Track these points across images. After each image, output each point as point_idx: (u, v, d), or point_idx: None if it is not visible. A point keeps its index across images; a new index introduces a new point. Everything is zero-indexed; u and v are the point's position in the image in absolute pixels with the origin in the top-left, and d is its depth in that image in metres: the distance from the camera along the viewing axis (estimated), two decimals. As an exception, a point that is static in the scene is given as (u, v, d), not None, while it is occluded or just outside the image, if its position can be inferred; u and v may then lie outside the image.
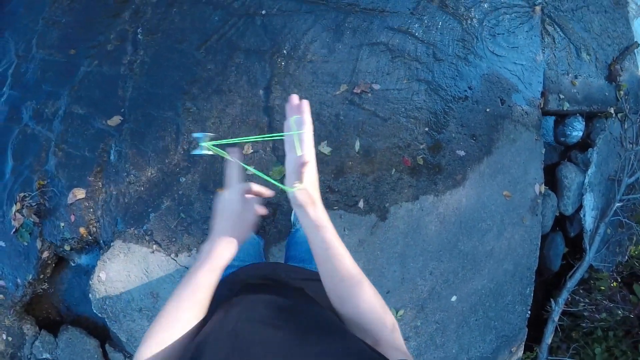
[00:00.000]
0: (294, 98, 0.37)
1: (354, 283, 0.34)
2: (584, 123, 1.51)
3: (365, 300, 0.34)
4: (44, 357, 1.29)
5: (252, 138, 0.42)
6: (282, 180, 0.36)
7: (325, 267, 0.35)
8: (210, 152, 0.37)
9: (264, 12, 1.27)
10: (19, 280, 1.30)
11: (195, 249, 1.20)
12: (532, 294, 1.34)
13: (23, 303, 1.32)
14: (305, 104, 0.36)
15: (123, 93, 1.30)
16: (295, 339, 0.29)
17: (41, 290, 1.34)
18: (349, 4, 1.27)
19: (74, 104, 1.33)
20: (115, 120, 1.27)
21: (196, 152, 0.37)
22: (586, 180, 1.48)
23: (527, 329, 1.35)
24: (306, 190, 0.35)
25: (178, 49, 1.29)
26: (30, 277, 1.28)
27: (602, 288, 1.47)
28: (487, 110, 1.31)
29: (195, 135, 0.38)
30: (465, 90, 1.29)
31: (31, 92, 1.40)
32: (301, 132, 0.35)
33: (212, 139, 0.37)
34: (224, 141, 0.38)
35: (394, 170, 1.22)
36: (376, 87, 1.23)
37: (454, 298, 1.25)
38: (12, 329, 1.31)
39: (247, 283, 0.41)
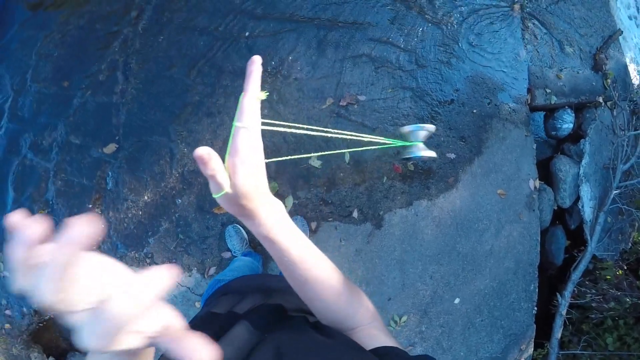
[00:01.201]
0: (254, 60, 0.25)
1: (324, 287, 0.30)
2: (574, 115, 1.52)
3: (338, 301, 0.31)
4: (53, 386, 1.29)
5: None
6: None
7: (288, 276, 0.30)
8: (431, 154, 0.28)
9: (247, 34, 1.30)
10: (25, 309, 1.32)
11: (195, 268, 1.21)
12: (537, 290, 1.33)
13: (30, 332, 1.33)
14: (256, 68, 0.25)
15: (117, 121, 1.33)
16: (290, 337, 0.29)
17: (47, 318, 1.35)
18: (328, 19, 1.31)
19: (70, 134, 1.36)
20: (111, 147, 1.30)
21: (411, 155, 0.28)
22: (581, 171, 1.48)
23: (535, 325, 1.33)
24: (233, 198, 0.25)
25: (167, 76, 1.32)
26: (36, 306, 1.30)
27: (608, 277, 1.46)
28: (474, 111, 1.32)
29: (408, 128, 0.28)
30: (451, 94, 1.31)
31: (28, 124, 1.44)
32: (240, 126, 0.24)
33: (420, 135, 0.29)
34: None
35: (385, 178, 1.23)
36: (362, 98, 1.25)
37: (457, 300, 1.24)
38: (19, 357, 1.32)
39: (231, 316, 0.39)
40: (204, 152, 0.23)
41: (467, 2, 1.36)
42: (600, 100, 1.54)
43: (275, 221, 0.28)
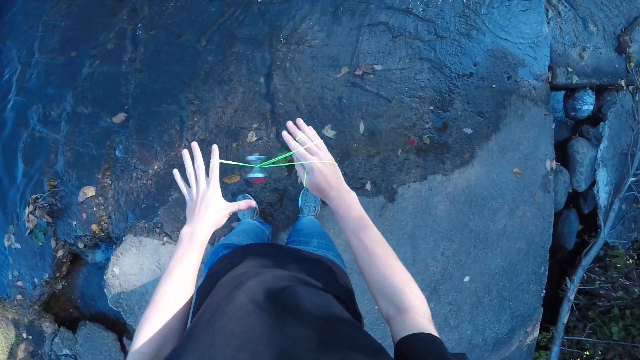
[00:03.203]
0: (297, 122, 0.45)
1: (376, 256, 0.38)
2: (594, 96, 1.47)
3: (383, 271, 0.37)
4: (63, 353, 1.32)
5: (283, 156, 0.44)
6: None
7: (350, 243, 0.41)
8: (263, 175, 0.42)
9: (260, -1, 1.26)
10: (36, 280, 1.33)
11: (205, 240, 1.20)
12: (547, 273, 1.32)
13: (41, 302, 1.35)
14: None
15: (126, 90, 1.31)
16: (277, 322, 0.29)
17: (58, 288, 1.37)
18: (346, -15, 1.25)
19: (78, 104, 1.35)
20: (120, 117, 1.29)
21: (252, 175, 0.42)
22: (599, 155, 1.44)
23: (542, 309, 1.33)
24: (315, 187, 0.44)
25: (177, 43, 1.29)
26: (47, 276, 1.31)
27: (618, 265, 1.44)
28: (493, 86, 1.28)
29: (250, 158, 0.42)
30: (470, 67, 1.26)
31: (36, 96, 1.43)
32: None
33: (263, 160, 0.42)
34: (269, 162, 0.42)
35: (400, 150, 1.20)
36: (378, 67, 1.21)
37: (466, 278, 1.23)
38: (32, 327, 1.35)
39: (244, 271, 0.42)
40: None
41: (490, -28, 1.30)
42: (622, 83, 1.49)
43: (338, 204, 0.43)
